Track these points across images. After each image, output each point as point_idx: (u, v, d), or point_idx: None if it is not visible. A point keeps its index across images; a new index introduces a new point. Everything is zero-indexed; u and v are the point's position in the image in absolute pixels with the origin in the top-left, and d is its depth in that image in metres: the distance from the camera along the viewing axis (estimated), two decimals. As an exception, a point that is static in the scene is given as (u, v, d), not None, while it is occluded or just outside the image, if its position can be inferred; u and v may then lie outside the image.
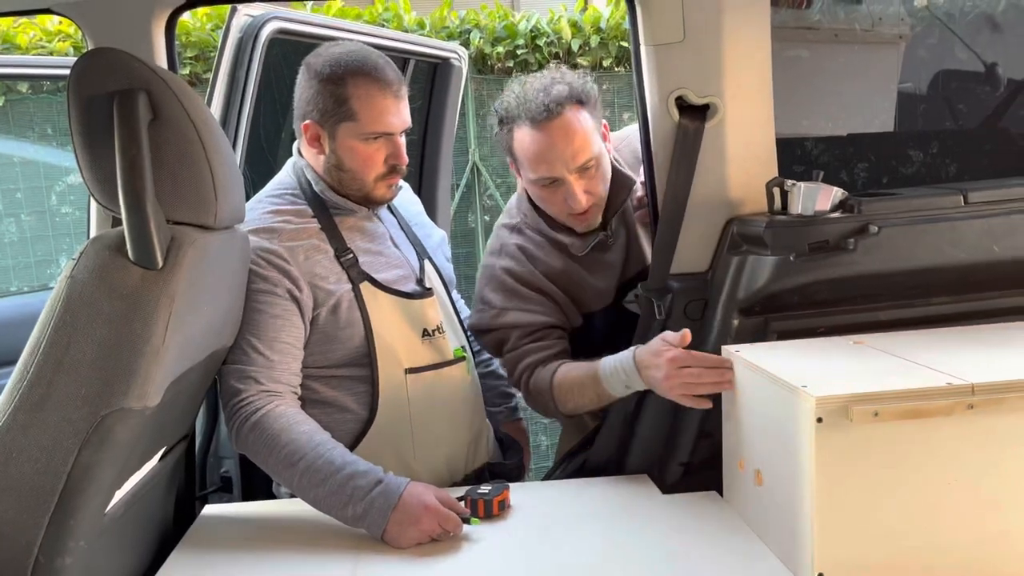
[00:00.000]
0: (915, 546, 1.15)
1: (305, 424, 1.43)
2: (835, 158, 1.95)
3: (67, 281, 1.08)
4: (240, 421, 1.43)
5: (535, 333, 1.71)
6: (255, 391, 1.44)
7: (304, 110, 1.55)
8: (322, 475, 1.36)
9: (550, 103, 1.58)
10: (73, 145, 1.15)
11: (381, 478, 1.37)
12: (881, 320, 1.49)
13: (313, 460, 1.37)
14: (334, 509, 1.37)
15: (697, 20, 1.50)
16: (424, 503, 1.36)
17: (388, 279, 1.59)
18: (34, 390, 1.06)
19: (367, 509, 1.34)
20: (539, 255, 1.74)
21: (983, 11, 2.07)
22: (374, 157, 1.55)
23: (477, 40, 3.68)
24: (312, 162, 1.59)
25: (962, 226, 1.47)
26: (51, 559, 1.06)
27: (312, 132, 1.55)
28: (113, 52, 1.15)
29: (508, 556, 1.32)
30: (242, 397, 1.43)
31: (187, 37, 3.47)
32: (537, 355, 1.69)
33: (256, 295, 1.47)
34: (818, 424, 1.10)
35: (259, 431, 1.41)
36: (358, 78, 1.51)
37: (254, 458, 1.44)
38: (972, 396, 1.11)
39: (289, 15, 1.97)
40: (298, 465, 1.37)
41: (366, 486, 1.35)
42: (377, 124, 1.53)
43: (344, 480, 1.36)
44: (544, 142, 1.59)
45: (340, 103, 1.51)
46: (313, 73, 1.53)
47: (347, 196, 1.59)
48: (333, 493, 1.36)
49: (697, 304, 1.57)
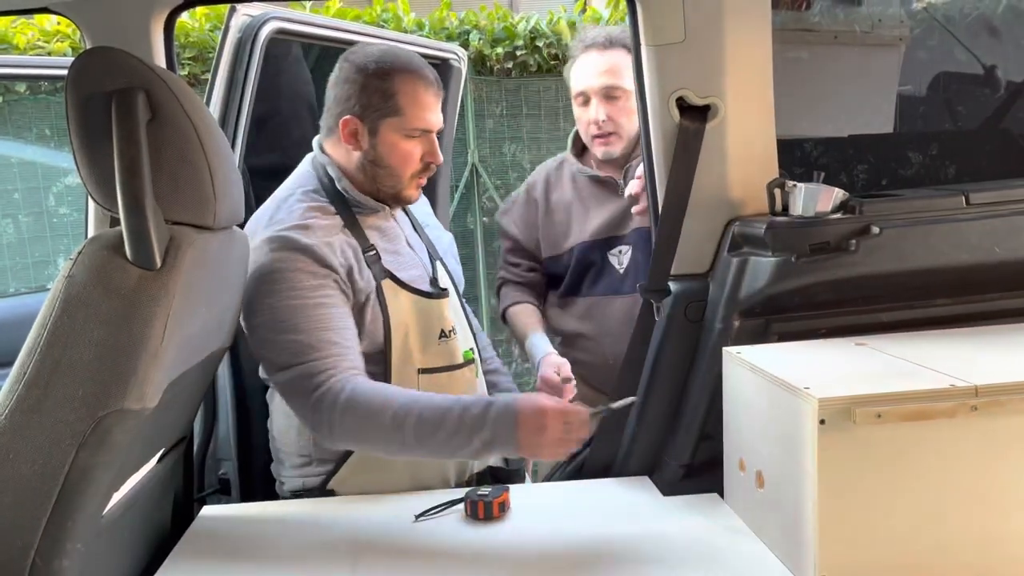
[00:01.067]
0: (918, 548, 1.14)
1: (390, 387, 1.43)
2: (836, 159, 1.95)
3: (65, 281, 1.07)
4: (329, 410, 1.39)
5: (513, 264, 2.21)
6: (335, 379, 1.41)
7: (344, 106, 1.54)
8: (434, 423, 1.35)
9: (605, 39, 2.01)
10: (71, 145, 1.15)
11: (491, 400, 1.37)
12: (883, 321, 1.49)
13: (420, 413, 1.35)
14: (461, 448, 1.35)
15: (698, 21, 1.50)
16: (540, 406, 1.33)
17: (408, 278, 1.59)
18: (31, 391, 1.05)
19: (493, 433, 1.33)
20: (562, 179, 2.17)
21: (982, 13, 2.07)
22: (413, 153, 1.56)
23: (476, 41, 3.68)
24: (342, 159, 1.58)
25: (964, 227, 1.46)
26: (48, 561, 1.05)
27: (351, 127, 1.54)
28: (111, 51, 1.14)
29: (508, 558, 1.32)
30: (325, 388, 1.40)
31: (186, 37, 3.47)
32: (510, 275, 2.20)
33: (309, 291, 1.44)
34: (821, 426, 1.10)
35: (353, 409, 1.38)
36: (404, 75, 1.53)
37: (357, 440, 1.42)
38: (975, 398, 1.11)
39: (288, 15, 1.97)
40: (406, 425, 1.35)
41: (481, 413, 1.34)
42: (420, 120, 1.55)
43: (458, 417, 1.34)
44: (587, 62, 2.02)
45: (387, 98, 1.52)
46: (356, 68, 1.53)
47: (375, 194, 1.59)
48: (453, 434, 1.34)
49: (697, 305, 1.56)
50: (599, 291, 2.08)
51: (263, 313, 1.44)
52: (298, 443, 1.58)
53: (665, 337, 1.58)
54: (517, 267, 2.21)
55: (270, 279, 1.44)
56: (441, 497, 1.51)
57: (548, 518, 1.45)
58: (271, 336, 1.44)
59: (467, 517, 1.45)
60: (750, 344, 1.45)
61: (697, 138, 1.53)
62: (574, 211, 2.11)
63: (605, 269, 2.06)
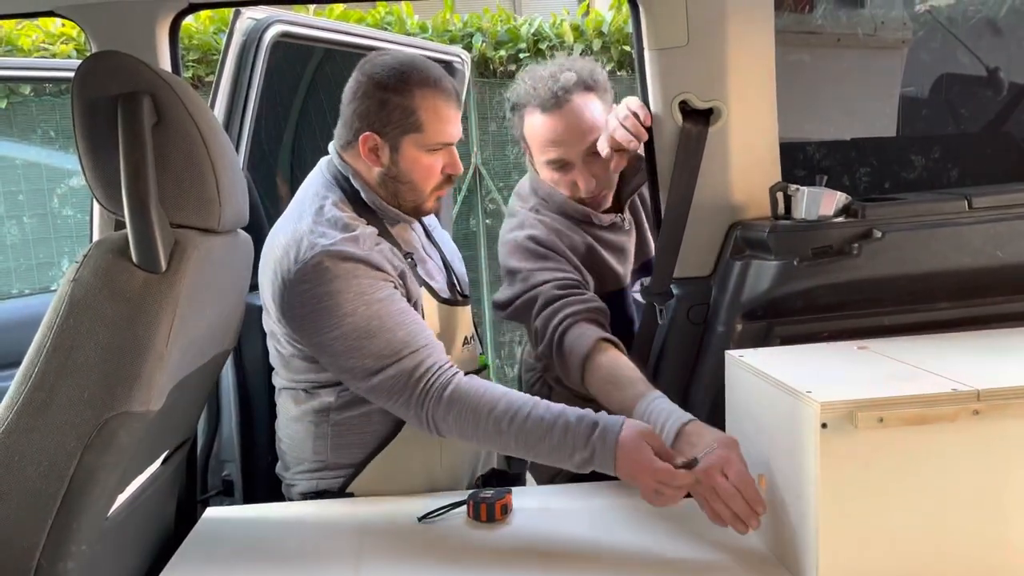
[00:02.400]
0: (920, 553, 1.14)
1: (495, 389, 1.39)
2: (838, 162, 1.95)
3: (71, 284, 1.07)
4: (433, 406, 1.38)
5: (570, 288, 1.64)
6: (434, 371, 1.39)
7: (364, 121, 1.49)
8: (537, 435, 1.33)
9: (558, 90, 1.66)
10: (76, 148, 1.15)
11: (596, 420, 1.32)
12: (885, 325, 1.49)
13: (523, 422, 1.33)
14: (562, 461, 1.34)
15: (701, 24, 1.50)
16: (638, 447, 1.27)
17: (434, 286, 1.58)
18: (37, 393, 1.05)
19: (592, 452, 1.31)
20: (562, 229, 1.74)
21: (985, 16, 2.07)
22: (434, 167, 1.52)
23: (479, 43, 3.69)
24: (363, 170, 1.54)
25: (966, 231, 1.46)
26: (53, 563, 1.06)
27: (371, 144, 1.49)
28: (117, 55, 1.15)
29: (511, 560, 1.32)
30: (429, 383, 1.38)
31: (190, 40, 3.48)
32: (578, 307, 1.60)
33: (378, 294, 1.41)
34: (822, 430, 1.10)
35: (457, 406, 1.37)
36: (425, 89, 1.48)
37: (462, 437, 1.40)
38: (978, 402, 1.11)
39: (292, 18, 1.98)
40: (508, 431, 1.34)
41: (584, 432, 1.31)
42: (442, 135, 1.51)
43: (561, 433, 1.32)
44: (553, 127, 1.68)
45: (407, 114, 1.47)
46: (375, 83, 1.48)
47: (397, 206, 1.55)
48: (556, 447, 1.32)
49: (700, 308, 1.56)
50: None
51: (337, 327, 1.39)
52: (314, 448, 1.56)
53: (668, 340, 1.58)
54: (581, 294, 1.65)
55: (335, 293, 1.39)
56: (444, 499, 1.51)
57: (550, 520, 1.46)
58: (354, 344, 1.39)
59: (470, 519, 1.45)
60: (752, 347, 1.45)
61: (700, 141, 1.54)
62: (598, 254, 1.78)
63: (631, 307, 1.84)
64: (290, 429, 1.59)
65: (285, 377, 1.57)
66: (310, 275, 1.39)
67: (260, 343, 1.63)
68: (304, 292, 1.40)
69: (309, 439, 1.56)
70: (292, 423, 1.58)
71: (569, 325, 1.59)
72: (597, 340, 1.55)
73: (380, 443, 1.54)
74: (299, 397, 1.56)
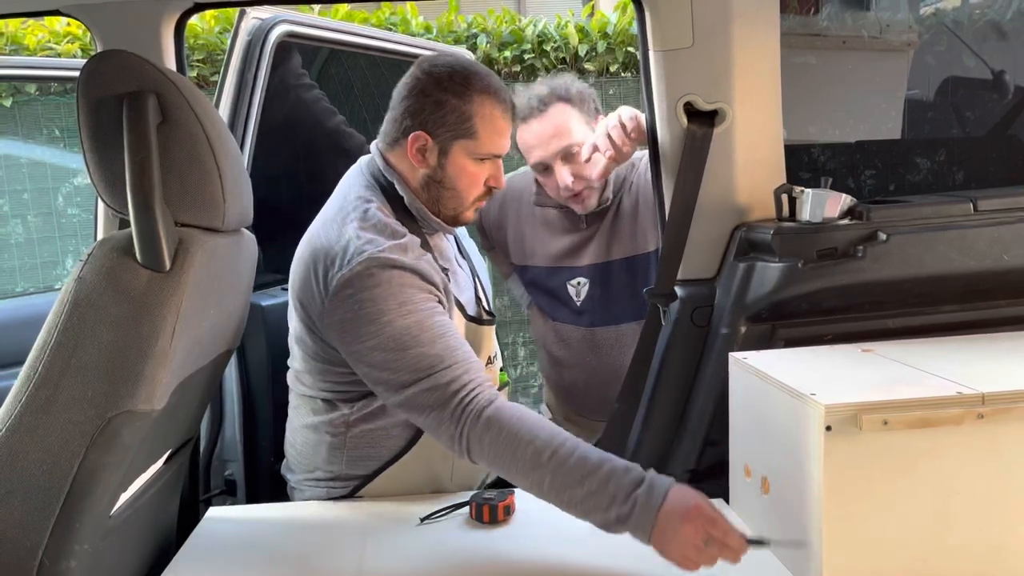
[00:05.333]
0: (924, 556, 1.14)
1: (536, 418, 1.29)
2: (843, 165, 1.94)
3: (75, 283, 1.08)
4: (471, 424, 1.29)
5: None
6: (472, 388, 1.31)
7: (416, 119, 1.45)
8: (577, 476, 1.21)
9: (533, 101, 1.92)
10: (81, 147, 1.15)
11: (643, 476, 1.21)
12: (890, 328, 1.48)
13: (563, 460, 1.22)
14: (595, 511, 1.21)
15: (706, 25, 1.50)
16: (692, 504, 1.18)
17: (464, 301, 1.55)
18: (40, 392, 1.06)
19: (631, 510, 1.18)
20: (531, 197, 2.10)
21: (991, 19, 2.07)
22: (479, 177, 1.49)
23: (484, 45, 3.69)
24: (407, 173, 1.49)
25: (971, 234, 1.46)
26: (56, 562, 1.06)
27: (420, 143, 1.45)
28: (123, 54, 1.15)
29: (513, 562, 1.32)
30: (466, 399, 1.30)
31: (195, 40, 3.48)
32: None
33: (420, 305, 1.36)
34: (827, 432, 1.10)
35: (495, 429, 1.27)
36: (485, 96, 1.45)
37: (492, 464, 1.30)
38: (982, 406, 1.10)
39: (297, 18, 1.98)
40: (546, 467, 1.23)
41: (628, 484, 1.20)
42: (493, 146, 1.48)
43: (605, 478, 1.20)
44: (532, 132, 1.92)
45: (463, 119, 1.44)
46: (435, 82, 1.44)
47: (436, 213, 1.51)
48: (593, 494, 1.20)
49: (704, 310, 1.56)
50: (560, 318, 2.07)
51: (375, 336, 1.33)
52: (328, 458, 1.54)
53: (671, 342, 1.58)
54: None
55: (379, 300, 1.34)
56: (446, 500, 1.51)
57: (553, 522, 1.45)
58: (390, 356, 1.33)
59: (472, 520, 1.45)
60: (756, 349, 1.45)
61: (704, 143, 1.53)
62: (539, 232, 2.08)
63: (562, 298, 2.05)
64: (303, 436, 1.56)
65: (308, 383, 1.52)
66: (356, 281, 1.34)
67: (264, 343, 1.63)
68: (348, 297, 1.35)
69: (323, 449, 1.53)
70: (306, 431, 1.55)
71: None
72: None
73: (394, 456, 1.52)
74: (318, 407, 1.52)
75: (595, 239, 2.00)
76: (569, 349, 2.06)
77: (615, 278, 1.99)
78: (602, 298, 2.00)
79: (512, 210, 2.12)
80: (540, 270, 2.07)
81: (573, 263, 2.03)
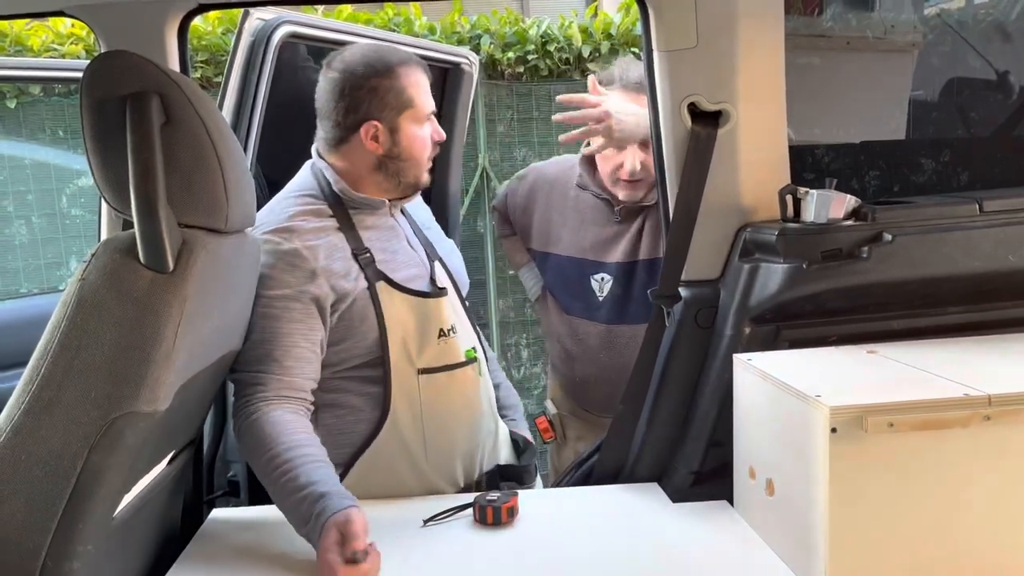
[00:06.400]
0: (929, 559, 1.13)
1: (294, 434, 1.41)
2: (848, 165, 1.94)
3: (78, 284, 1.08)
4: (239, 422, 1.44)
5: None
6: (259, 396, 1.44)
7: (359, 114, 1.57)
8: (287, 491, 1.35)
9: (636, 77, 1.93)
10: (85, 148, 1.15)
11: (327, 506, 1.30)
12: (895, 329, 1.48)
13: (284, 473, 1.36)
14: (299, 525, 1.34)
15: (710, 26, 1.49)
16: (328, 549, 1.26)
17: (403, 278, 1.60)
18: (44, 393, 1.05)
19: (309, 535, 1.32)
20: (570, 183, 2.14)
21: (996, 19, 2.06)
22: (427, 138, 1.63)
23: (487, 45, 3.68)
24: (343, 164, 1.61)
25: (977, 235, 1.45)
26: (58, 563, 1.06)
27: (372, 131, 1.57)
28: (126, 55, 1.15)
29: (517, 564, 1.32)
30: (245, 399, 1.45)
31: (198, 41, 3.48)
32: None
33: (274, 300, 1.47)
34: (832, 434, 1.09)
35: (251, 434, 1.41)
36: (405, 67, 1.59)
37: (248, 459, 1.45)
38: (989, 407, 1.10)
39: (301, 19, 1.98)
40: (273, 475, 1.37)
41: (316, 513, 1.30)
42: (428, 105, 1.63)
43: (299, 501, 1.33)
44: (627, 111, 1.90)
45: (399, 93, 1.57)
46: (359, 76, 1.56)
47: (398, 186, 1.63)
48: (292, 512, 1.35)
49: (708, 312, 1.56)
50: (576, 311, 2.08)
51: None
52: None
53: (675, 343, 1.57)
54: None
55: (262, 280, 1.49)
56: (450, 502, 1.50)
57: (557, 524, 1.45)
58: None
59: (476, 522, 1.45)
60: (760, 351, 1.44)
61: (709, 144, 1.53)
62: (569, 220, 2.11)
63: (583, 292, 2.07)
64: None
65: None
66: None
67: (266, 343, 1.63)
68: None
69: None
70: None
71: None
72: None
73: (363, 440, 1.56)
74: None
75: (625, 237, 2.03)
76: (583, 344, 2.07)
77: (638, 278, 2.02)
78: (623, 297, 2.01)
79: (543, 194, 2.18)
80: (563, 259, 2.09)
81: (600, 258, 2.06)
